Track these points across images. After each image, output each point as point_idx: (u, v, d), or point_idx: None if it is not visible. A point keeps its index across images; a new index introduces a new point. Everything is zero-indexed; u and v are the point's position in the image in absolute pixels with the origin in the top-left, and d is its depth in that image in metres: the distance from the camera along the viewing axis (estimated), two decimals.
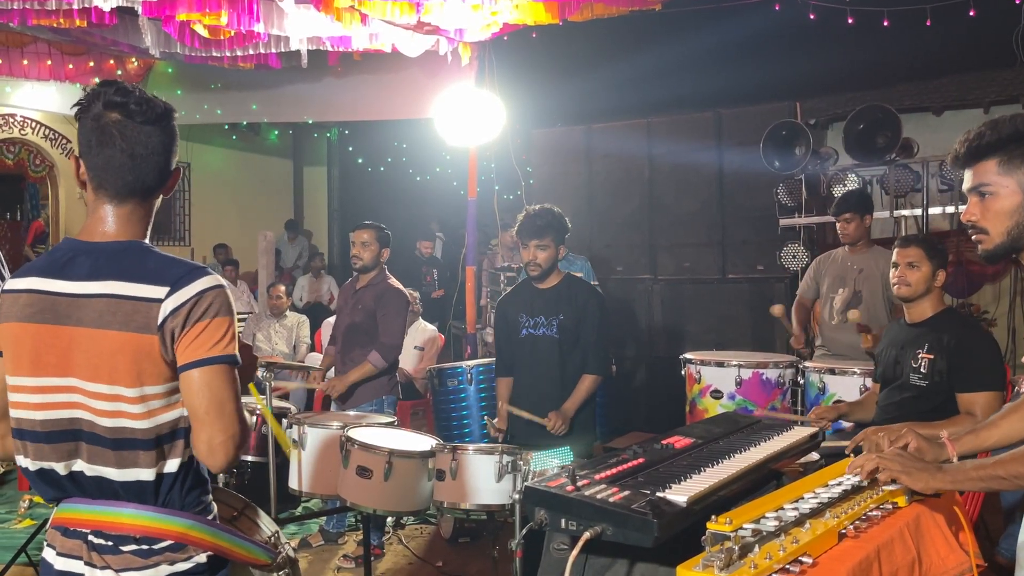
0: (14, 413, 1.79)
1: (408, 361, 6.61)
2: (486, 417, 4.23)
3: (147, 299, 1.70)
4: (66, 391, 1.73)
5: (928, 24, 5.39)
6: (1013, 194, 1.88)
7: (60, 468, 1.76)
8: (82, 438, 1.75)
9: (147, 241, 1.82)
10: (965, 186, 1.98)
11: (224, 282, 1.80)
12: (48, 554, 1.81)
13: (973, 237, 1.98)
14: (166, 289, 1.70)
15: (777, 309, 5.51)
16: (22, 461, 1.79)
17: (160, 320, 1.69)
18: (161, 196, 1.86)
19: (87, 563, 1.74)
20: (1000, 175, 1.89)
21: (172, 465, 1.77)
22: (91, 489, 1.77)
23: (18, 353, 1.75)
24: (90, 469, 1.75)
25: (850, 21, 5.45)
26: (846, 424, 3.81)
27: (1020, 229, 1.88)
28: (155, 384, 1.72)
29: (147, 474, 1.74)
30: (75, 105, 1.80)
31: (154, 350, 1.70)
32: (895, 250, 3.48)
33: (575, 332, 3.98)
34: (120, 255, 1.75)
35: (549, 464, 3.10)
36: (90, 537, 1.75)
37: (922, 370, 3.30)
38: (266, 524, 2.40)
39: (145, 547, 1.74)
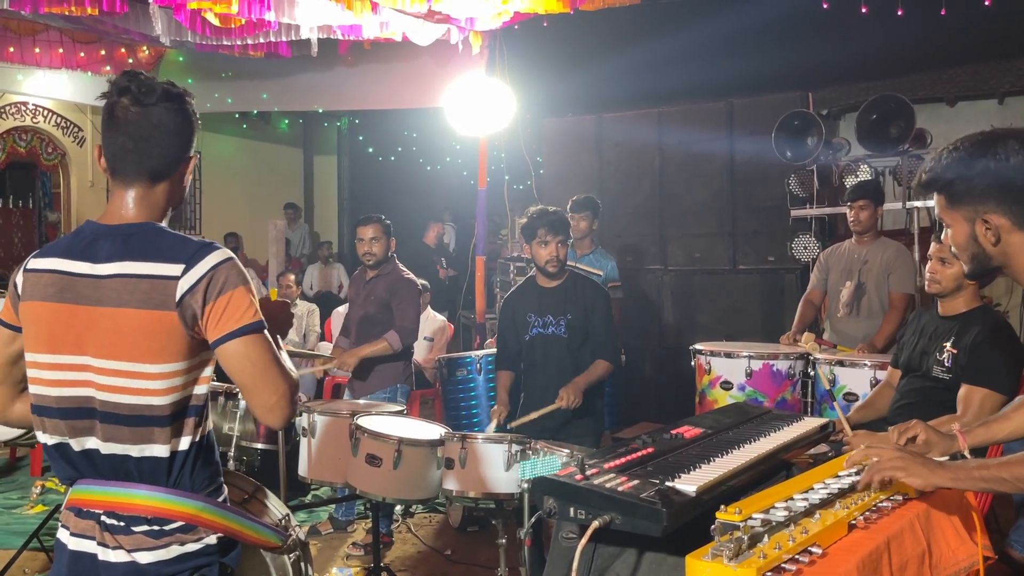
0: (33, 389, 1.83)
1: (418, 351, 6.59)
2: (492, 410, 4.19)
3: (164, 276, 1.73)
4: (79, 369, 1.77)
5: (943, 13, 5.32)
6: (962, 227, 1.90)
7: (74, 444, 1.80)
8: (96, 416, 1.78)
9: (161, 223, 1.85)
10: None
11: (232, 254, 1.82)
12: (62, 534, 1.84)
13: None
14: (181, 266, 1.74)
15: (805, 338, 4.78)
16: (42, 437, 1.84)
17: (178, 297, 1.73)
18: (175, 181, 1.87)
19: (100, 543, 1.77)
20: (948, 210, 1.91)
21: (184, 443, 1.80)
22: (105, 469, 1.80)
23: (37, 331, 1.80)
24: (105, 447, 1.78)
25: (864, 10, 5.39)
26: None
27: (979, 258, 1.90)
28: (173, 361, 1.75)
29: (162, 451, 1.77)
30: (99, 96, 1.84)
31: (174, 327, 1.73)
32: (932, 243, 3.43)
33: (583, 330, 4.01)
34: (135, 236, 1.79)
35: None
36: (103, 517, 1.78)
37: (946, 363, 3.28)
38: (276, 507, 2.42)
39: (156, 528, 1.77)
